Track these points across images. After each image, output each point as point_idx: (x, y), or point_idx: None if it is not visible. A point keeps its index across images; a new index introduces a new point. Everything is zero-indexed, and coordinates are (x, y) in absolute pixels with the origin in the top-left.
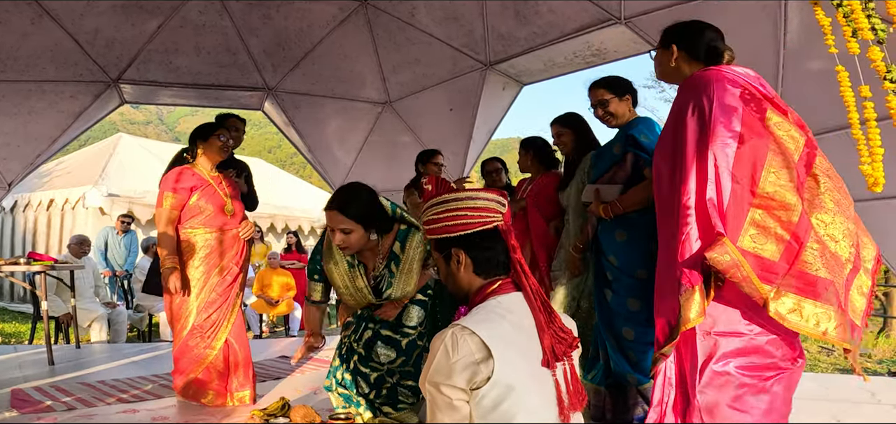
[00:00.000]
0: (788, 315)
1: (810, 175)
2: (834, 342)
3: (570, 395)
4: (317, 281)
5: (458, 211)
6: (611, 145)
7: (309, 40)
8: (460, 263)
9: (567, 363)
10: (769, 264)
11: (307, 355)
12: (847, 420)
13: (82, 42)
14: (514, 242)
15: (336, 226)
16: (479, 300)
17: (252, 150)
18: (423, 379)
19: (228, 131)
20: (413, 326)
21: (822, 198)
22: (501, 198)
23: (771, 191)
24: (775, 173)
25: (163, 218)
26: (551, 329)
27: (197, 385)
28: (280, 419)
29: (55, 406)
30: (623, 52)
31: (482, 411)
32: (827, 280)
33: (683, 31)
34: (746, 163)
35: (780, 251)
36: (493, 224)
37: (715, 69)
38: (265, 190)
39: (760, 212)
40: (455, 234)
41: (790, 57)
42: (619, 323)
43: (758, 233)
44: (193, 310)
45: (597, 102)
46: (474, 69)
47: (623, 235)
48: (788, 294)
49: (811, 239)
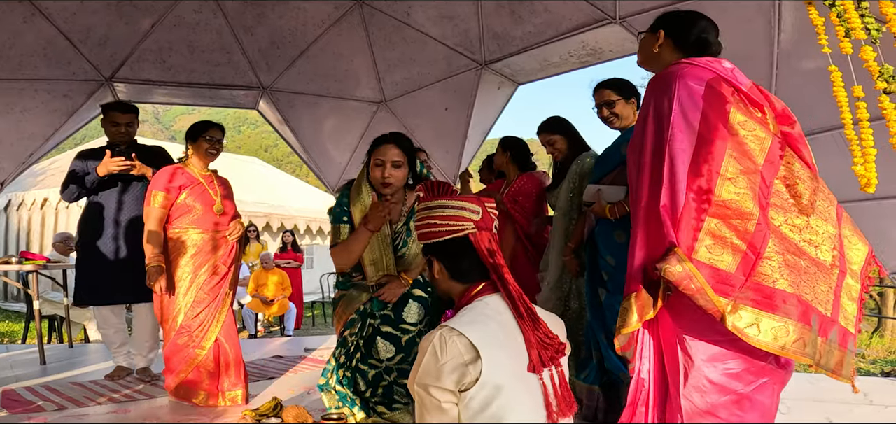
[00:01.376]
0: (747, 329)
1: (780, 177)
2: (793, 357)
3: (558, 401)
4: (344, 223)
5: (428, 219)
6: (616, 147)
7: (304, 39)
8: (435, 270)
9: (556, 369)
10: (725, 276)
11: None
12: (840, 420)
13: (75, 40)
14: (491, 247)
15: (389, 159)
16: (464, 302)
17: (248, 149)
18: (412, 381)
19: (211, 141)
20: (413, 323)
21: (800, 201)
22: (475, 205)
23: (727, 198)
24: (733, 179)
25: (151, 216)
26: (536, 335)
27: (188, 385)
28: (272, 419)
29: (46, 407)
30: (618, 52)
31: (471, 412)
32: (786, 292)
33: (674, 17)
34: (703, 168)
35: (736, 261)
36: (464, 232)
37: (684, 64)
38: (261, 188)
39: (716, 220)
40: (427, 242)
41: (784, 57)
42: (613, 320)
43: (713, 243)
44: (181, 310)
45: (603, 103)
46: (469, 68)
47: (622, 236)
48: (745, 307)
49: (770, 249)
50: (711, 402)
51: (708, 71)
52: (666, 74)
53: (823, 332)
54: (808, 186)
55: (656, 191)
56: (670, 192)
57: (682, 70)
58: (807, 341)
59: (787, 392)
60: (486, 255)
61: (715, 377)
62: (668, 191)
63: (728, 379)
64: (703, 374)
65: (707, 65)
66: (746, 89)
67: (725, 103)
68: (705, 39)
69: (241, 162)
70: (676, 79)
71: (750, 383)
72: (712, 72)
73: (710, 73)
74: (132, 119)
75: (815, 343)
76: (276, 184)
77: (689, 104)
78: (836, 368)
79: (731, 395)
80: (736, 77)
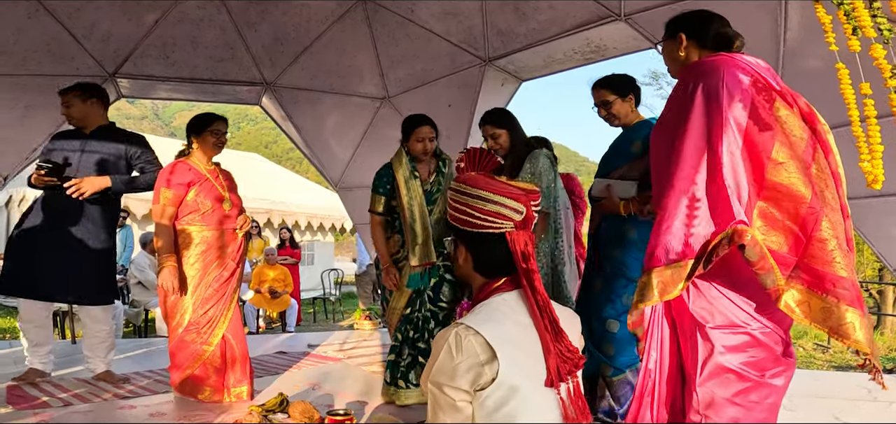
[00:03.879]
0: (797, 307)
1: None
2: (843, 340)
3: (575, 410)
4: (381, 194)
5: (467, 207)
6: (627, 142)
7: (307, 35)
8: (460, 256)
9: (572, 381)
10: (777, 256)
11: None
12: (846, 419)
13: (79, 36)
14: (526, 250)
15: (427, 137)
16: (481, 296)
17: (248, 145)
18: (425, 378)
19: (217, 135)
20: (447, 301)
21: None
22: (520, 205)
23: (779, 180)
24: (783, 164)
25: (159, 214)
26: (556, 347)
27: (194, 381)
28: (278, 415)
29: (51, 402)
30: (623, 49)
31: (485, 412)
32: (838, 275)
33: (690, 18)
34: (754, 152)
35: (787, 243)
36: (501, 230)
37: (726, 56)
38: (262, 185)
39: (768, 203)
40: (459, 228)
41: (789, 55)
42: (606, 312)
43: (764, 225)
44: (189, 306)
45: (600, 102)
46: (473, 65)
47: (633, 232)
48: (797, 286)
49: (824, 232)
50: (727, 392)
51: (749, 66)
52: (712, 61)
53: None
54: (824, 185)
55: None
56: (733, 173)
57: (727, 61)
58: (858, 326)
59: (792, 389)
60: (520, 258)
61: (735, 365)
62: (731, 172)
63: (747, 368)
64: (720, 364)
65: (746, 62)
66: (780, 87)
67: (772, 95)
68: (725, 34)
69: (242, 158)
70: (724, 67)
71: (764, 373)
72: (753, 68)
73: (751, 69)
74: (74, 101)
75: (867, 326)
76: (277, 181)
77: (739, 91)
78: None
79: (749, 383)
80: (775, 77)
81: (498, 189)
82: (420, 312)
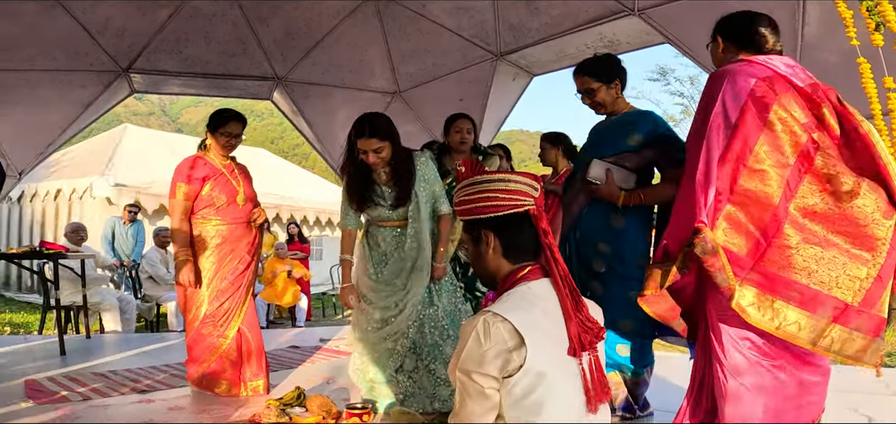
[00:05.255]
0: (748, 307)
1: (816, 169)
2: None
3: (595, 386)
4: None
5: (490, 192)
6: (622, 132)
7: (318, 30)
8: (489, 245)
9: (592, 354)
10: (736, 257)
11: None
12: (865, 411)
13: (93, 32)
14: (545, 227)
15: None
16: (508, 285)
17: (255, 141)
18: (453, 367)
19: (228, 137)
20: (483, 290)
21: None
22: (534, 182)
23: (750, 187)
24: (760, 172)
25: (176, 208)
26: (578, 317)
27: (211, 376)
28: (296, 408)
29: (70, 397)
30: (636, 44)
31: (513, 399)
32: (790, 279)
33: (727, 21)
34: (731, 157)
35: (748, 246)
36: (525, 208)
37: (741, 61)
38: (269, 180)
39: (736, 207)
40: (485, 216)
41: (807, 49)
42: (616, 314)
43: (729, 227)
44: (205, 299)
45: (583, 90)
46: (484, 59)
47: (621, 221)
48: (749, 287)
49: (785, 239)
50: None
51: (762, 68)
52: (721, 71)
53: (841, 320)
54: (850, 177)
55: (692, 174)
56: (704, 176)
57: (736, 67)
58: (803, 326)
59: None
60: (542, 234)
61: (751, 357)
62: (702, 174)
63: (761, 358)
64: (740, 353)
65: (764, 63)
66: (804, 86)
67: (768, 101)
68: (756, 34)
69: (250, 153)
70: (726, 75)
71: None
72: (766, 71)
73: (763, 71)
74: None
75: (817, 329)
76: (285, 176)
77: (731, 99)
78: (858, 355)
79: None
80: (794, 74)
81: (513, 173)
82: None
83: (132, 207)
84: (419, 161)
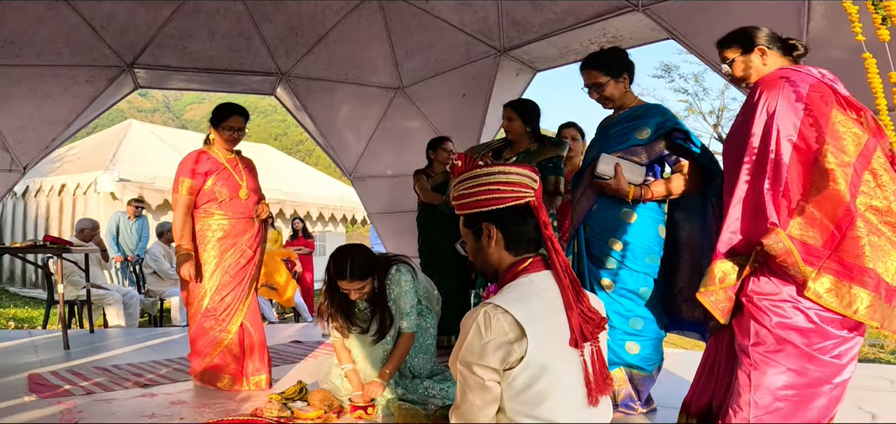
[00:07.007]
0: (825, 294)
1: (870, 168)
2: (862, 320)
3: (596, 377)
4: None
5: (490, 185)
6: (630, 126)
7: (322, 25)
8: (491, 238)
9: (593, 345)
10: (812, 249)
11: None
12: (869, 408)
13: (97, 27)
14: (545, 218)
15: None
16: (509, 278)
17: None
18: (454, 360)
19: (231, 130)
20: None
21: (884, 189)
22: (533, 174)
23: (821, 184)
24: (831, 170)
25: (179, 203)
26: (579, 307)
27: (213, 370)
28: (298, 403)
29: (74, 391)
30: (639, 40)
31: (514, 391)
32: (864, 266)
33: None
34: (804, 159)
35: (823, 238)
36: (525, 199)
37: (790, 68)
38: (272, 176)
39: (810, 204)
40: (487, 208)
41: (812, 45)
42: (628, 311)
43: (804, 222)
44: (207, 292)
45: (591, 85)
46: (488, 55)
47: (632, 216)
48: (827, 275)
49: (857, 230)
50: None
51: (812, 76)
52: (774, 75)
53: (889, 299)
54: (889, 177)
55: (760, 177)
56: (773, 178)
57: (789, 73)
58: (876, 308)
59: None
60: (542, 226)
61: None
62: (771, 177)
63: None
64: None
65: (809, 71)
66: (845, 95)
67: (827, 105)
68: (792, 44)
69: (254, 149)
70: (785, 78)
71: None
72: (816, 78)
73: (813, 78)
74: None
75: (883, 309)
76: (289, 172)
77: (792, 103)
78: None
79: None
80: (834, 81)
81: (512, 165)
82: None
83: (136, 202)
84: (391, 280)
